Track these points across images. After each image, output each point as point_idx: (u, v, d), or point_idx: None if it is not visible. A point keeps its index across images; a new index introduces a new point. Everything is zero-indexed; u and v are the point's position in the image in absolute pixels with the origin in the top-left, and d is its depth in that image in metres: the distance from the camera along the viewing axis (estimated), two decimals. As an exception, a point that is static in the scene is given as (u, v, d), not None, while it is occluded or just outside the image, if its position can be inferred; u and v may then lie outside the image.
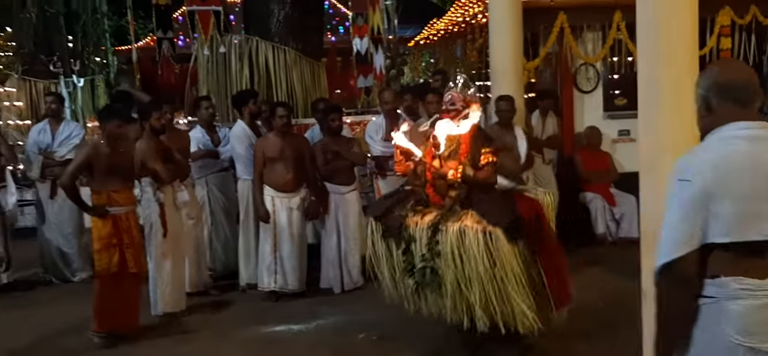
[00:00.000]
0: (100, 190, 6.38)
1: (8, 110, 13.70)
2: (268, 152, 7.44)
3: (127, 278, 6.38)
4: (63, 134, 8.51)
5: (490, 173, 5.42)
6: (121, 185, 6.43)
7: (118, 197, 6.39)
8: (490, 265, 4.97)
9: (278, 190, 7.45)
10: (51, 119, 8.63)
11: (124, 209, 6.42)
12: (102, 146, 6.43)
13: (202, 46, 10.19)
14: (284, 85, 10.12)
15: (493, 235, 5.01)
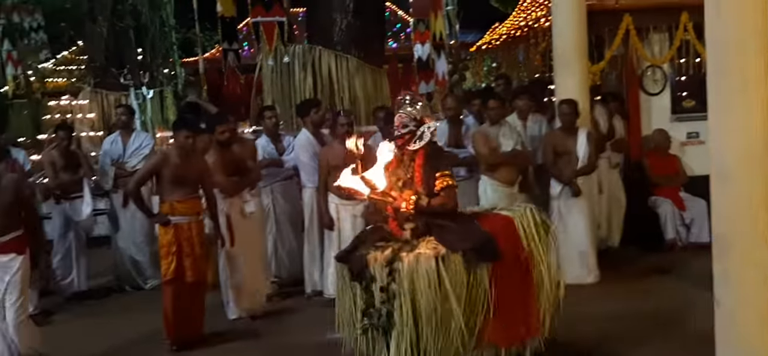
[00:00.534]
0: (165, 199, 6.53)
1: (81, 122, 14.10)
2: (332, 160, 7.47)
3: (190, 286, 6.48)
4: (134, 144, 8.73)
5: (447, 198, 5.05)
6: (186, 195, 6.54)
7: (181, 207, 6.51)
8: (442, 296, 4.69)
9: (342, 198, 7.49)
10: (122, 130, 8.88)
11: (186, 218, 6.52)
12: (171, 155, 6.60)
13: (267, 57, 10.33)
14: (347, 93, 10.20)
15: (447, 260, 4.74)
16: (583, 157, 7.75)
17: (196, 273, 6.51)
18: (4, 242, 5.49)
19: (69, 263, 8.39)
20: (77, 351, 6.61)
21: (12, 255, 5.51)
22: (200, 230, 6.65)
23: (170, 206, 6.49)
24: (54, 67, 16.34)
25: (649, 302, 7.00)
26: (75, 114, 14.30)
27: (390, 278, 4.77)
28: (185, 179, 6.53)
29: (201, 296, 6.70)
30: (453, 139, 8.09)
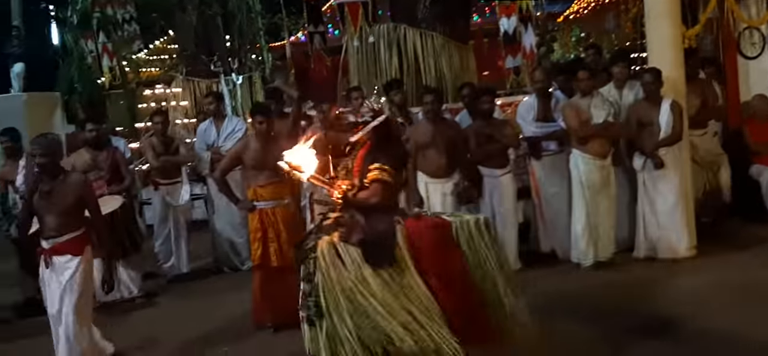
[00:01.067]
0: (250, 184, 6.66)
1: (175, 109, 14.52)
2: (420, 138, 7.50)
3: (276, 270, 6.49)
4: (227, 129, 8.94)
5: (374, 192, 4.70)
6: (268, 179, 6.58)
7: (264, 192, 6.59)
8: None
9: (431, 176, 7.50)
10: (214, 117, 9.09)
11: (270, 203, 6.59)
12: (251, 141, 6.71)
13: (352, 38, 10.40)
14: (433, 71, 10.16)
15: (344, 251, 4.58)
16: (666, 128, 7.52)
17: (282, 258, 6.46)
18: (61, 243, 5.46)
19: (169, 247, 8.68)
20: (179, 332, 6.82)
21: (68, 256, 5.47)
22: (286, 216, 6.64)
23: (254, 192, 6.61)
24: (147, 57, 16.82)
25: (747, 274, 6.78)
26: (169, 102, 14.74)
27: (314, 266, 4.65)
28: (266, 163, 6.49)
29: (289, 280, 6.72)
30: (542, 113, 7.97)
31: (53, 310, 5.52)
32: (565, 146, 7.81)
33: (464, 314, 4.63)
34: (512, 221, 7.68)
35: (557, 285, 7.19)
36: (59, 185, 5.48)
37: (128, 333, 6.81)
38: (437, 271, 4.62)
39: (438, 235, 4.73)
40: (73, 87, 16.48)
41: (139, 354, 6.31)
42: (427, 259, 4.62)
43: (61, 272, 5.45)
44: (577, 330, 5.93)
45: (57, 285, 5.46)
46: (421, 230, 4.71)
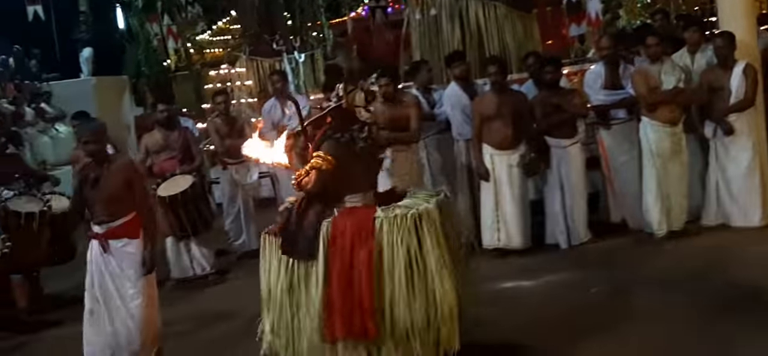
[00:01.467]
0: None
1: (239, 89, 14.70)
2: (485, 110, 7.44)
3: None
4: (292, 107, 8.98)
5: (310, 179, 4.69)
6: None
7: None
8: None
9: (496, 147, 7.44)
10: (279, 95, 9.16)
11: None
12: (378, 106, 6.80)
13: (413, 11, 10.31)
14: (496, 42, 10.02)
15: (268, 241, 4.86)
16: (737, 92, 7.29)
17: None
18: (115, 227, 5.40)
19: (239, 225, 8.82)
20: (250, 307, 6.91)
21: (124, 240, 5.41)
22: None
23: None
24: (210, 38, 17.05)
25: None
26: (233, 82, 14.92)
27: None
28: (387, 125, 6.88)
29: None
30: (609, 81, 7.80)
31: (107, 297, 5.40)
32: (635, 113, 7.65)
33: (353, 308, 4.58)
34: (581, 191, 7.58)
35: (629, 255, 7.11)
36: (107, 170, 5.43)
37: (201, 308, 6.96)
38: (343, 265, 4.61)
39: (355, 230, 4.65)
40: (140, 70, 16.86)
41: (213, 329, 6.40)
42: (339, 253, 4.62)
43: (120, 257, 5.40)
44: (650, 300, 5.87)
45: (118, 270, 5.39)
46: (344, 223, 4.68)
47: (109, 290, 5.39)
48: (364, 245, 4.60)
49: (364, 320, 4.57)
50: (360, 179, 4.93)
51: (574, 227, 7.52)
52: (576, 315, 5.73)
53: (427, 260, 4.60)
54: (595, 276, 6.51)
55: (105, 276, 5.40)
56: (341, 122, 4.94)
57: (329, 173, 4.70)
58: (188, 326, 6.63)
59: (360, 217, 4.71)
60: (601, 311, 5.76)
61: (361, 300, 4.58)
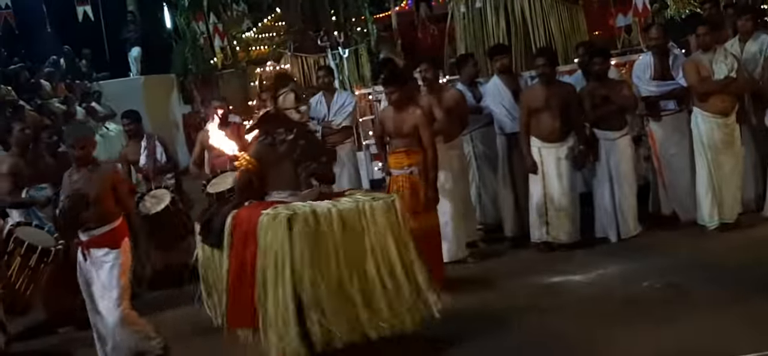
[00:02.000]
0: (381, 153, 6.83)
1: (285, 85, 14.77)
2: (533, 102, 7.39)
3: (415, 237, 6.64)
4: (337, 103, 8.99)
5: (236, 177, 5.47)
6: (393, 148, 6.78)
7: (391, 160, 6.76)
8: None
9: (544, 140, 7.38)
10: (325, 91, 9.18)
11: (397, 171, 6.73)
12: (387, 111, 6.87)
13: (458, 4, 10.27)
14: (542, 33, 9.93)
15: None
16: None
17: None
18: (97, 235, 5.35)
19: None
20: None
21: (105, 250, 5.36)
22: (413, 182, 6.70)
23: (384, 159, 6.90)
24: (256, 35, 17.16)
25: None
26: (278, 79, 15.00)
27: None
28: (394, 132, 6.75)
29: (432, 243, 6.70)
30: (659, 71, 7.67)
31: (93, 306, 5.49)
32: (685, 104, 7.52)
33: (243, 298, 5.01)
34: (630, 184, 7.47)
35: (680, 248, 7.00)
36: (90, 175, 5.39)
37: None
38: (236, 257, 5.06)
39: (248, 224, 5.04)
40: (187, 68, 17.03)
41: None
42: (235, 245, 5.08)
43: (99, 266, 5.36)
44: (703, 293, 5.78)
45: (96, 279, 5.40)
46: (243, 217, 5.12)
47: (93, 298, 5.47)
48: (252, 239, 4.99)
49: (250, 310, 4.99)
50: (286, 177, 5.33)
51: (623, 220, 7.42)
52: (629, 309, 5.67)
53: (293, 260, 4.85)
54: (647, 269, 6.43)
55: (87, 283, 5.47)
56: (268, 125, 5.47)
57: (252, 172, 5.31)
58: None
59: (256, 212, 5.08)
60: (654, 304, 5.70)
61: (248, 291, 4.99)
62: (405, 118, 6.66)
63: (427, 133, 6.61)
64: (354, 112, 9.15)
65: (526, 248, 7.62)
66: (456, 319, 5.91)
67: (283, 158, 5.36)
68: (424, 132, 6.59)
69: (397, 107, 6.72)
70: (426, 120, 6.65)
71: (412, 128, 6.62)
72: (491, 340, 5.45)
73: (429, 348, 5.45)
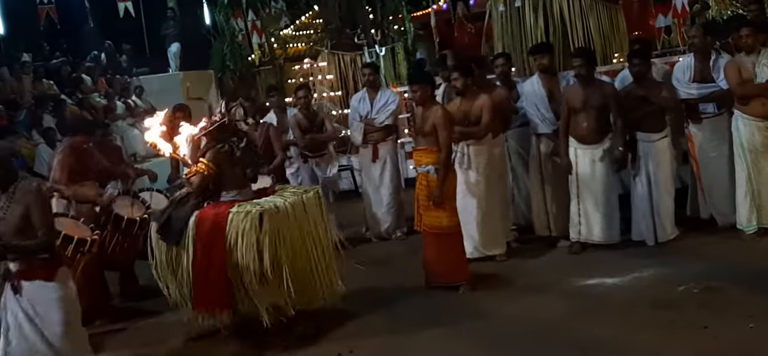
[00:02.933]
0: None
1: (321, 83, 14.85)
2: (572, 102, 7.33)
3: (430, 235, 6.73)
4: (380, 101, 9.00)
5: (194, 180, 6.01)
6: (417, 146, 6.90)
7: (415, 157, 6.88)
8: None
9: (580, 141, 7.32)
10: (369, 88, 9.19)
11: (418, 169, 6.80)
12: (417, 110, 6.95)
13: (497, 3, 10.23)
14: (580, 33, 9.85)
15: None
16: None
17: (418, 222, 6.85)
18: (27, 267, 4.81)
19: (319, 217, 8.87)
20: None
21: (38, 282, 4.85)
22: (430, 183, 6.73)
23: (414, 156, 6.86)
24: (293, 32, 17.26)
25: None
26: (315, 76, 15.07)
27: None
28: (421, 131, 6.80)
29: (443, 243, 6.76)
30: (699, 73, 7.54)
31: (16, 345, 4.89)
32: (726, 107, 7.40)
33: (210, 284, 5.79)
34: (668, 187, 7.36)
35: (718, 252, 6.90)
36: (12, 198, 4.79)
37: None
38: (204, 250, 5.76)
39: (211, 223, 5.80)
40: (225, 64, 17.18)
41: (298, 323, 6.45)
42: (201, 240, 5.78)
43: (34, 301, 4.84)
44: (739, 298, 5.70)
45: (31, 315, 4.86)
46: (207, 217, 5.84)
47: (23, 336, 4.89)
48: (217, 237, 5.75)
49: (219, 295, 5.81)
50: (236, 179, 6.14)
51: (660, 223, 7.32)
52: (663, 313, 5.59)
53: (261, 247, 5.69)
54: (683, 273, 6.33)
55: (14, 318, 4.90)
56: (223, 133, 6.16)
57: (210, 176, 5.99)
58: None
59: (220, 210, 5.85)
60: (689, 309, 5.61)
61: (217, 278, 5.76)
62: (427, 117, 6.75)
63: (444, 133, 6.64)
64: (397, 111, 9.15)
65: (557, 248, 7.58)
66: (487, 320, 5.92)
67: (235, 162, 6.14)
68: (441, 132, 6.64)
69: (422, 105, 6.84)
70: (445, 120, 6.68)
71: (432, 127, 6.67)
72: (524, 344, 5.43)
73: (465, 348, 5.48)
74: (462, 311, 6.24)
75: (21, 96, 13.42)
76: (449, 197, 6.75)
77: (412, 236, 8.84)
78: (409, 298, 6.71)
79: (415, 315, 6.25)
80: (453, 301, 6.50)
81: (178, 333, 6.33)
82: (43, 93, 13.90)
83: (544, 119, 7.73)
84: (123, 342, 6.55)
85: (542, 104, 7.75)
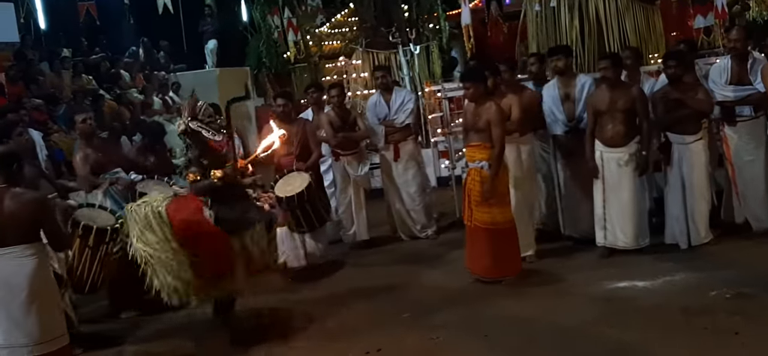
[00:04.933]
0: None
1: (355, 81, 14.87)
2: (597, 105, 7.27)
3: (482, 230, 6.82)
4: (397, 102, 8.99)
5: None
6: (469, 142, 7.01)
7: (467, 153, 7.00)
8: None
9: (606, 144, 7.24)
10: (383, 91, 9.17)
11: (470, 164, 6.92)
12: (468, 106, 7.07)
13: (532, 2, 10.15)
14: (616, 34, 9.73)
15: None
16: None
17: (468, 217, 6.90)
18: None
19: (350, 215, 8.90)
20: (363, 290, 7.14)
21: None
22: (483, 179, 6.79)
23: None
24: (329, 30, 17.30)
25: None
26: (349, 74, 15.10)
27: None
28: (472, 127, 6.93)
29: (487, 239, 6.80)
30: (736, 75, 7.42)
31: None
32: (763, 110, 7.28)
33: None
34: (703, 191, 7.26)
35: (752, 257, 6.80)
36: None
37: (317, 299, 7.09)
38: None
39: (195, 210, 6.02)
40: (261, 61, 17.29)
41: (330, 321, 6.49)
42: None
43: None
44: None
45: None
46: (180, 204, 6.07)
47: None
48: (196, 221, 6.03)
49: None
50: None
51: (694, 227, 7.23)
52: (694, 319, 5.53)
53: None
54: (715, 278, 6.25)
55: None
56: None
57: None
58: (311, 308, 6.79)
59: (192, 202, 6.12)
60: (721, 315, 5.53)
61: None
62: (480, 113, 6.85)
63: (498, 130, 6.78)
64: (415, 109, 9.15)
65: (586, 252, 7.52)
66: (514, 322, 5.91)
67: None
68: (494, 129, 6.78)
69: (474, 101, 6.92)
70: (498, 117, 6.81)
71: (486, 123, 6.79)
72: (551, 348, 5.40)
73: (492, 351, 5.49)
74: (490, 312, 6.22)
75: (60, 91, 13.63)
76: (502, 193, 6.88)
77: (443, 235, 8.88)
78: (436, 298, 6.72)
79: (443, 315, 6.25)
80: (480, 302, 6.49)
81: (206, 325, 6.45)
82: (82, 88, 14.12)
83: (556, 120, 7.76)
84: (153, 333, 6.66)
85: (556, 105, 7.75)
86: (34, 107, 11.75)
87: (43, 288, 4.95)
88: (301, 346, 5.91)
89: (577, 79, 7.86)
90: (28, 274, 4.84)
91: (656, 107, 7.30)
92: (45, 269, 5.02)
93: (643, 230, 7.31)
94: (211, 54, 18.13)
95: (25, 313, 4.84)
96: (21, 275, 4.83)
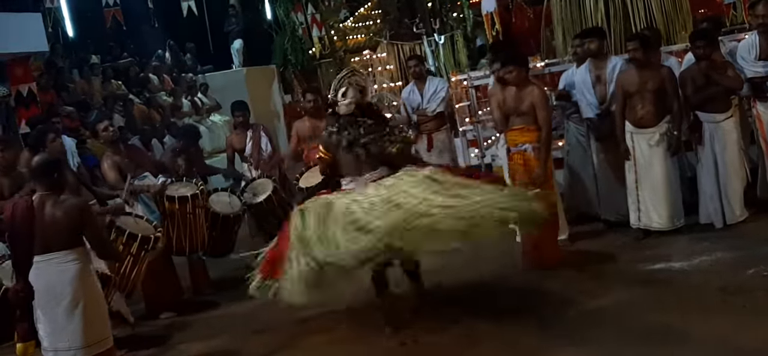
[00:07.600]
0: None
1: (381, 73, 14.92)
2: (627, 86, 7.22)
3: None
4: (430, 90, 9.03)
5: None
6: (510, 126, 7.04)
7: (509, 137, 7.06)
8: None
9: (636, 125, 7.20)
10: (417, 80, 9.22)
11: (513, 148, 6.96)
12: (502, 91, 7.11)
13: (556, -14, 10.10)
14: (642, 14, 9.65)
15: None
16: None
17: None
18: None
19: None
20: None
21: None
22: (526, 161, 6.86)
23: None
24: (353, 24, 17.36)
25: None
26: (374, 67, 15.16)
27: None
28: (511, 111, 6.99)
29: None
30: (765, 51, 7.32)
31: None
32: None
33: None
34: (736, 168, 7.19)
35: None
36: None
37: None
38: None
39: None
40: (287, 59, 17.39)
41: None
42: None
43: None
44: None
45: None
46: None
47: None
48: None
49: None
50: (348, 167, 5.89)
51: (728, 205, 7.17)
52: (732, 298, 5.49)
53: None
54: (752, 256, 6.19)
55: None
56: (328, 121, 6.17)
57: (325, 161, 6.09)
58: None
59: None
60: (759, 293, 5.49)
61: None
62: (523, 96, 6.87)
63: (544, 112, 6.83)
64: (447, 97, 9.18)
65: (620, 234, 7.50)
66: (550, 306, 5.91)
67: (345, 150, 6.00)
68: (540, 112, 6.82)
69: (516, 85, 6.91)
70: (543, 100, 6.86)
71: (530, 106, 6.82)
72: (587, 331, 5.39)
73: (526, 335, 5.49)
74: (525, 297, 6.24)
75: (91, 97, 13.81)
76: (548, 177, 6.90)
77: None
78: (472, 286, 6.72)
79: (479, 303, 6.28)
80: (517, 288, 6.50)
81: (244, 326, 6.52)
82: (112, 93, 14.28)
83: (589, 103, 7.73)
84: (191, 335, 6.75)
85: (587, 88, 7.73)
86: (66, 114, 11.93)
87: (86, 293, 5.06)
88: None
89: (609, 61, 7.83)
90: (70, 279, 4.97)
91: (685, 87, 7.25)
92: (88, 274, 5.13)
93: (678, 211, 7.26)
94: (237, 54, 18.26)
95: (68, 318, 4.97)
96: (64, 281, 4.96)
